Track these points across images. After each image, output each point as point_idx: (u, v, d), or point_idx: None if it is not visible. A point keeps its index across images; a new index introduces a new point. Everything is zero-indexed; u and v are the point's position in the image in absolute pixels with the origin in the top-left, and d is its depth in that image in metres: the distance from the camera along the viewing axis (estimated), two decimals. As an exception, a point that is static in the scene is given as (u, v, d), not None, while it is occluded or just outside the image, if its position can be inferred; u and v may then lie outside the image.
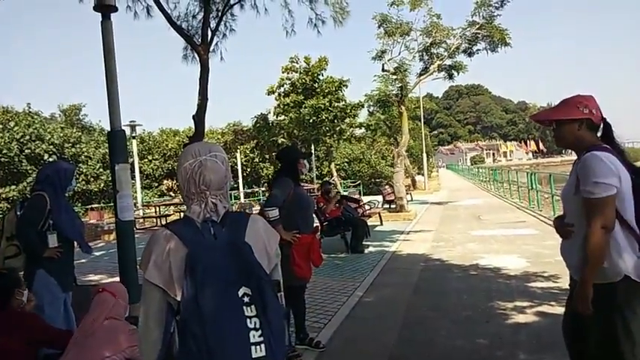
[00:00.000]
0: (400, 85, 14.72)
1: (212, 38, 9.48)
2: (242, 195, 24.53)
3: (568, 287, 5.21)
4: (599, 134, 2.25)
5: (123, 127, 5.01)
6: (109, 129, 4.85)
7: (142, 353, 1.44)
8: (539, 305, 4.82)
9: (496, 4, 14.01)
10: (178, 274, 1.34)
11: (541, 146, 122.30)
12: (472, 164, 78.84)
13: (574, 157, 2.37)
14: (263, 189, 24.98)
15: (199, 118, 8.89)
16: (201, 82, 8.86)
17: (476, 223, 11.83)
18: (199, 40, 9.16)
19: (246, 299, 1.32)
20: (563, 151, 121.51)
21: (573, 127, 2.23)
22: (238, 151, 25.36)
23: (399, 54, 15.38)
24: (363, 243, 8.99)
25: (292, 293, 3.86)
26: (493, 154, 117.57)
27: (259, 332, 1.29)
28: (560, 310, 4.70)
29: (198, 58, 9.05)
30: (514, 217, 12.46)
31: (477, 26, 14.51)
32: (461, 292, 5.55)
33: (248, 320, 1.30)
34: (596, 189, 2.05)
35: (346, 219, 9.00)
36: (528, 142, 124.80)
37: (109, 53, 4.77)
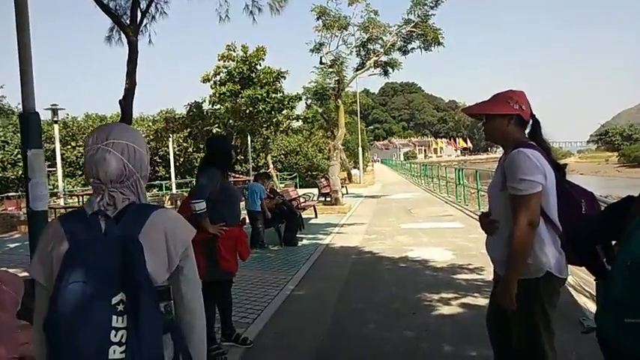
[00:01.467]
0: (337, 78, 14.79)
1: (142, 20, 9.01)
2: (174, 185, 23.71)
3: (491, 280, 5.44)
4: (527, 131, 2.29)
5: (38, 110, 4.59)
6: (22, 111, 4.42)
7: (35, 353, 1.29)
8: (463, 297, 4.99)
9: (431, 4, 14.41)
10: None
11: (469, 144, 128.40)
12: (405, 159, 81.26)
13: (499, 154, 2.41)
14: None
15: (127, 102, 8.41)
16: (129, 65, 8.39)
17: (407, 216, 12.15)
18: (128, 20, 8.68)
19: (119, 307, 1.15)
20: (489, 149, 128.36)
21: (503, 122, 2.24)
22: (170, 139, 24.45)
23: (337, 48, 15.46)
24: (297, 236, 8.95)
25: (219, 288, 3.73)
26: (425, 150, 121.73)
27: (122, 348, 1.13)
28: (483, 301, 4.90)
29: (126, 40, 8.58)
30: (442, 210, 12.93)
31: (412, 24, 14.84)
32: (390, 284, 5.65)
33: (113, 333, 1.13)
34: (522, 185, 2.09)
35: (280, 211, 8.90)
36: (457, 139, 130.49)
37: (22, 27, 4.34)
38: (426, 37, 14.82)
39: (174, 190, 22.77)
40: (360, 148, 29.52)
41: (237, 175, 24.71)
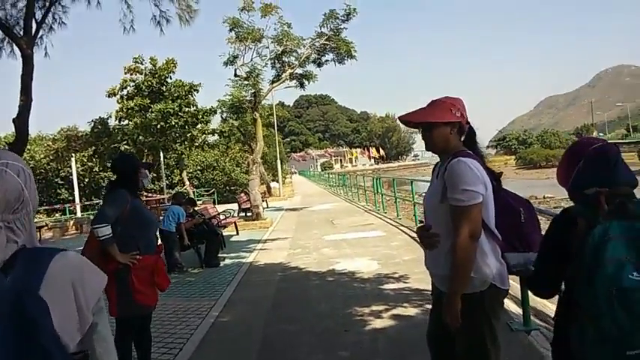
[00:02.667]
0: (253, 91, 14.54)
1: (37, 31, 8.24)
2: (79, 208, 21.98)
3: (417, 288, 5.44)
4: (462, 138, 2.24)
5: None
6: None
7: None
8: (393, 308, 4.95)
9: (342, 18, 14.66)
10: None
11: (381, 152, 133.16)
12: (322, 170, 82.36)
13: (409, 162, 2.33)
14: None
15: (22, 121, 7.61)
16: (23, 79, 7.63)
17: (329, 227, 12.14)
18: (21, 32, 7.90)
19: None
20: (400, 157, 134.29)
21: (445, 130, 2.16)
22: (73, 159, 22.68)
23: (252, 60, 15.23)
24: (219, 255, 8.55)
25: (135, 325, 3.35)
26: (341, 160, 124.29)
27: None
28: (412, 311, 4.90)
29: (20, 53, 7.79)
30: (363, 219, 13.09)
31: (325, 38, 15.01)
32: (319, 301, 5.49)
33: None
34: (464, 196, 2.01)
35: (199, 231, 8.45)
36: (370, 148, 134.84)
37: None
38: (339, 50, 15.06)
39: (79, 214, 21.09)
40: (278, 161, 29.36)
41: (150, 195, 23.48)
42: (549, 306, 5.25)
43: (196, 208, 13.47)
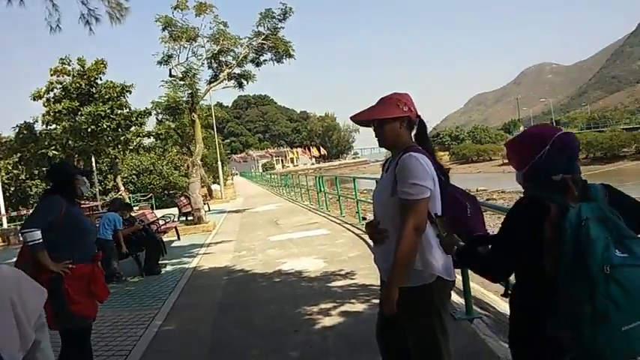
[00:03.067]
0: (190, 91, 14.15)
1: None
2: (5, 219, 20.47)
3: (364, 284, 5.50)
4: (413, 132, 2.27)
5: None
6: None
7: None
8: (341, 305, 4.97)
9: (279, 17, 14.59)
10: None
11: (322, 151, 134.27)
12: (264, 170, 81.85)
13: (350, 160, 2.36)
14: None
15: None
16: None
17: (274, 228, 12.05)
18: None
19: None
20: (340, 155, 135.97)
21: (395, 125, 2.21)
22: (-4, 167, 21.14)
23: (187, 60, 14.81)
24: (159, 262, 8.25)
25: (73, 339, 3.14)
26: (282, 160, 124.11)
27: None
28: (360, 307, 4.95)
29: None
30: (307, 219, 13.10)
31: (263, 37, 14.89)
32: (268, 303, 5.41)
33: None
34: (413, 190, 2.05)
35: (138, 238, 8.10)
36: (311, 148, 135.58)
37: None
38: (278, 50, 14.97)
39: (5, 225, 19.65)
40: (219, 163, 28.80)
41: (83, 202, 22.28)
42: (488, 295, 5.49)
43: (133, 214, 13.01)
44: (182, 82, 14.08)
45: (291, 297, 5.52)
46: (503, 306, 5.30)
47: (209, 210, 19.11)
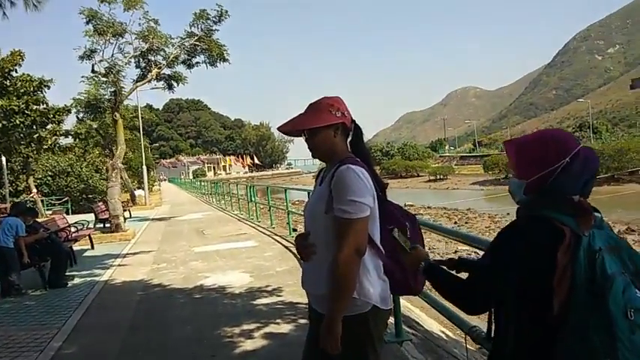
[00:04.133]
0: (114, 89, 13.23)
1: None
2: None
3: (292, 301, 5.17)
4: (349, 139, 2.00)
5: None
6: None
7: None
8: (265, 325, 4.62)
9: (214, 19, 14.08)
10: None
11: (256, 160, 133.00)
12: (194, 177, 79.50)
13: (283, 169, 2.09)
14: None
15: None
16: None
17: (199, 238, 11.44)
18: None
19: None
20: (274, 165, 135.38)
21: (328, 133, 1.93)
22: None
23: (112, 56, 13.87)
24: (67, 274, 7.46)
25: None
26: (214, 167, 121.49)
27: None
28: (286, 328, 4.61)
29: None
30: (236, 229, 12.60)
31: (196, 38, 14.30)
32: (185, 323, 4.94)
33: None
34: (351, 208, 1.78)
35: (43, 247, 7.27)
36: (245, 156, 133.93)
37: None
38: (211, 52, 14.43)
39: None
40: (144, 167, 27.35)
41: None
42: (414, 310, 5.37)
43: (44, 219, 11.86)
44: (104, 79, 13.15)
45: (212, 316, 5.09)
46: (429, 323, 5.20)
47: (130, 217, 18.01)
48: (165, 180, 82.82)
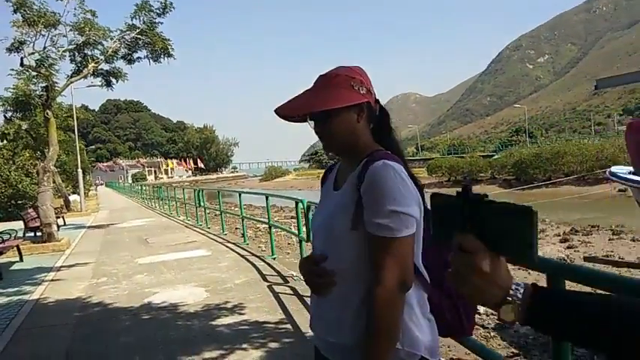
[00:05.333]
0: (45, 84, 11.98)
1: None
2: None
3: (258, 320, 4.57)
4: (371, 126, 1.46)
5: None
6: None
7: None
8: (230, 352, 3.99)
9: (158, 11, 13.13)
10: None
11: (199, 164, 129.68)
12: (134, 181, 76.27)
13: (228, 173, 1.54)
14: None
15: None
16: None
17: (143, 247, 10.50)
18: None
19: None
20: (218, 169, 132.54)
21: (350, 117, 1.39)
22: None
23: (45, 49, 12.58)
24: (-12, 293, 6.45)
25: None
26: (155, 171, 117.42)
27: None
28: (254, 354, 4.01)
29: None
30: (184, 237, 11.73)
31: (137, 31, 13.28)
32: (131, 352, 4.21)
33: None
34: (394, 222, 1.26)
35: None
36: (188, 160, 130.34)
37: None
38: (154, 47, 13.46)
39: None
40: (79, 170, 25.45)
41: None
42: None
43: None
44: (35, 73, 11.89)
45: (163, 343, 4.38)
46: None
47: (64, 225, 16.57)
48: (102, 184, 78.98)
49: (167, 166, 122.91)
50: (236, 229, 14.63)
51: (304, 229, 6.66)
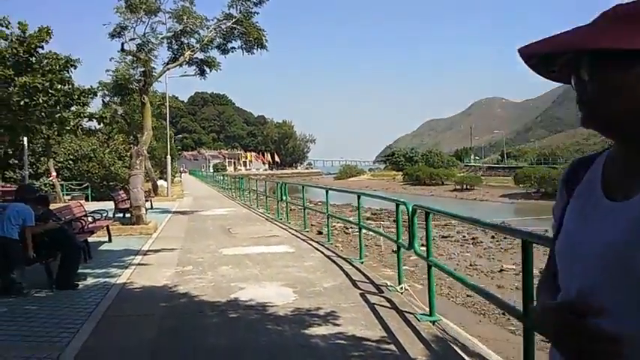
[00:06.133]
0: (143, 69, 12.25)
1: None
2: None
3: (355, 334, 3.99)
4: None
5: None
6: None
7: None
8: (331, 372, 3.45)
9: (255, 0, 13.01)
10: None
11: (276, 158, 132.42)
12: (215, 171, 79.13)
13: (303, 169, 1.03)
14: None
15: None
16: None
17: (226, 237, 10.35)
18: None
19: None
20: (294, 164, 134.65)
21: None
22: None
23: (144, 35, 12.91)
24: (79, 272, 6.41)
25: None
26: (234, 162, 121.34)
27: None
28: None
29: None
30: (265, 230, 11.48)
31: (234, 20, 13.25)
32: (221, 356, 3.80)
33: None
34: None
35: (52, 239, 6.22)
36: (265, 153, 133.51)
37: None
38: (249, 37, 13.38)
39: None
40: (168, 157, 26.44)
41: (6, 185, 19.58)
42: None
43: (60, 205, 10.91)
44: (134, 58, 12.18)
45: (255, 350, 3.93)
46: None
47: (151, 208, 17.06)
48: (186, 172, 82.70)
49: (246, 158, 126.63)
50: (312, 225, 14.22)
51: (403, 235, 6.02)
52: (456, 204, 43.52)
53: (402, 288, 5.68)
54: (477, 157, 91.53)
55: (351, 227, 16.95)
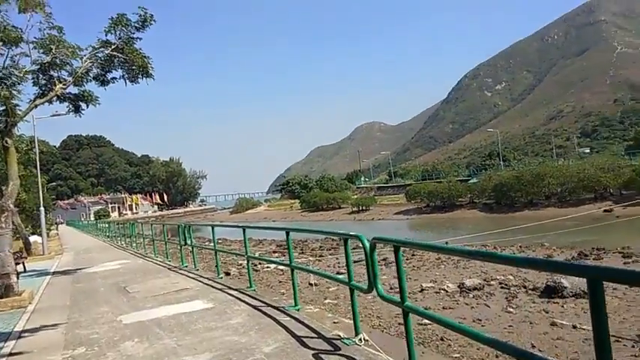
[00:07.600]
0: (4, 107, 10.18)
1: None
2: None
3: None
4: None
5: None
6: None
7: None
8: None
9: (137, 24, 11.62)
10: None
11: (165, 198, 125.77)
12: (97, 219, 72.64)
13: (196, 207, 0.34)
14: None
15: None
16: None
17: (124, 299, 8.66)
18: None
19: None
20: (186, 202, 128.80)
21: None
22: None
23: (5, 69, 10.83)
24: None
25: None
26: (119, 207, 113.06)
27: None
28: None
29: None
30: (171, 283, 9.93)
31: (112, 47, 11.72)
32: None
33: None
34: None
35: None
36: (153, 194, 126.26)
37: None
38: (132, 65, 11.90)
39: None
40: (42, 209, 22.99)
41: None
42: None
43: None
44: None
45: None
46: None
47: (24, 271, 14.33)
48: (62, 223, 74.94)
49: (132, 201, 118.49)
50: (215, 266, 12.87)
51: (346, 270, 5.17)
52: (359, 225, 44.11)
53: (360, 340, 4.80)
54: (366, 179, 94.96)
55: (260, 263, 15.81)
